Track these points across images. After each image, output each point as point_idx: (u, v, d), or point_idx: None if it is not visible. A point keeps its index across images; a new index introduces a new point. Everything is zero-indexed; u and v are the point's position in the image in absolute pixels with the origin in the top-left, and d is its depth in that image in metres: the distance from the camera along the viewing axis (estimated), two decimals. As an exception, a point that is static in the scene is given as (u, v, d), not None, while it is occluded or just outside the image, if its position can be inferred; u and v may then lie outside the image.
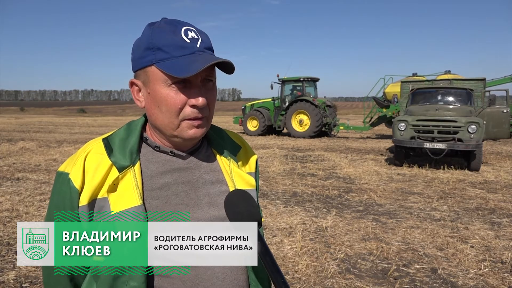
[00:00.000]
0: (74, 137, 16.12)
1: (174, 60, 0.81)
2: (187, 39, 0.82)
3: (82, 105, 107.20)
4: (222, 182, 0.93)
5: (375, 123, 16.11)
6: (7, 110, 60.25)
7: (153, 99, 0.84)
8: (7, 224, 4.54)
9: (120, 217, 0.80)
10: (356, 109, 64.28)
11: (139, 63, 0.85)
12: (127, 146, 0.87)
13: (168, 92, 0.82)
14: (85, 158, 0.84)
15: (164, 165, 0.89)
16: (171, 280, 0.83)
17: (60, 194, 0.84)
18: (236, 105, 78.48)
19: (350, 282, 3.23)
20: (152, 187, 0.86)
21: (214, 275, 0.85)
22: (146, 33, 0.85)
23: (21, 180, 7.00)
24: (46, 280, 0.91)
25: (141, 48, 0.84)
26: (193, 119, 0.84)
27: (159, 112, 0.84)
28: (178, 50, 0.81)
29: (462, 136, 8.01)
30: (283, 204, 5.61)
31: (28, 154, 10.49)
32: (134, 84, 0.89)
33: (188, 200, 0.88)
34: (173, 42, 0.81)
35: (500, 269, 3.48)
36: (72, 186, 0.82)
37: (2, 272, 3.33)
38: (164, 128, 0.86)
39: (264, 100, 18.22)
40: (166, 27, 0.83)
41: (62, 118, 37.31)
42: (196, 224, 0.85)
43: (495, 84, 14.89)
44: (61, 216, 0.82)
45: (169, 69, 0.80)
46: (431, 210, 5.39)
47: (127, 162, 0.84)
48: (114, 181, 0.82)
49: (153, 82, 0.83)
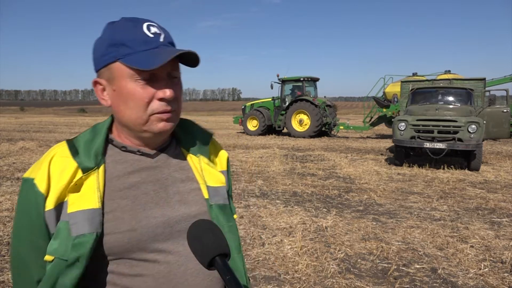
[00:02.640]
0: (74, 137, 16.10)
1: (138, 54, 0.80)
2: (150, 34, 0.82)
3: (82, 105, 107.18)
4: (192, 179, 0.93)
5: (375, 123, 16.11)
6: (7, 110, 60.24)
7: (119, 95, 0.83)
8: (7, 224, 4.54)
9: (74, 217, 0.79)
10: (356, 109, 64.28)
11: (102, 61, 0.84)
12: (92, 147, 0.85)
13: (134, 87, 0.81)
14: (50, 162, 0.83)
15: (132, 165, 0.88)
16: (143, 278, 0.83)
17: (26, 200, 0.82)
18: (236, 105, 78.50)
19: (350, 282, 3.23)
20: (120, 187, 0.85)
21: (187, 271, 0.85)
22: (107, 31, 0.84)
23: (21, 180, 6.99)
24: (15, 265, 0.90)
25: (104, 46, 0.83)
26: (161, 112, 0.83)
27: (126, 108, 0.83)
28: (142, 44, 0.81)
29: (462, 136, 8.01)
30: (283, 204, 5.61)
31: (28, 153, 10.49)
32: (98, 83, 0.88)
33: (158, 198, 0.87)
34: (136, 37, 0.81)
35: (500, 269, 3.48)
36: (37, 190, 0.80)
37: (2, 272, 3.33)
38: (133, 124, 0.85)
39: (264, 100, 18.23)
40: (127, 23, 0.83)
41: (62, 118, 37.30)
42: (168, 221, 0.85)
43: (495, 84, 14.89)
44: (26, 225, 0.82)
45: (134, 63, 0.79)
46: (431, 210, 5.39)
47: (91, 164, 0.83)
48: (77, 181, 0.81)
49: (118, 78, 0.82)
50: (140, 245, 0.83)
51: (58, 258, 0.78)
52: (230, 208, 0.98)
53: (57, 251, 0.78)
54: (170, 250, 0.85)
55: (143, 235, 0.83)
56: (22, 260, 0.85)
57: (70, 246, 0.77)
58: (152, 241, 0.84)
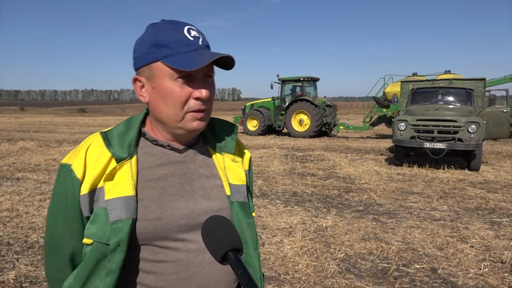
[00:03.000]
0: (74, 137, 16.12)
1: (179, 55, 0.85)
2: (190, 37, 0.87)
3: (82, 105, 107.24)
4: (215, 176, 0.98)
5: (375, 123, 16.11)
6: (7, 110, 60.23)
7: (158, 93, 0.88)
8: (7, 224, 4.54)
9: (112, 203, 0.85)
10: (356, 109, 64.27)
11: (144, 60, 0.89)
12: (125, 139, 0.91)
13: (173, 86, 0.87)
14: (87, 151, 0.89)
15: (161, 158, 0.94)
16: (164, 264, 0.88)
17: (63, 184, 0.88)
18: (236, 105, 78.44)
19: (350, 282, 3.23)
20: (149, 178, 0.90)
21: (205, 261, 0.90)
22: (150, 31, 0.90)
23: (21, 180, 7.00)
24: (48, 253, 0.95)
25: (145, 46, 0.88)
26: (196, 111, 0.89)
27: (164, 105, 0.88)
28: (183, 46, 0.86)
29: (462, 136, 8.01)
30: (283, 204, 5.61)
31: (28, 154, 10.49)
32: (137, 80, 0.93)
33: (183, 191, 0.92)
34: (178, 39, 0.86)
35: (500, 269, 3.48)
36: (75, 176, 0.86)
37: (2, 272, 3.33)
38: (169, 120, 0.90)
39: (264, 100, 18.22)
40: (169, 26, 0.88)
41: (62, 118, 37.30)
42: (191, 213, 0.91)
43: (495, 84, 14.88)
44: (64, 206, 0.88)
45: (175, 64, 0.84)
46: (431, 210, 5.39)
47: (125, 154, 0.89)
48: (112, 171, 0.87)
49: (159, 77, 0.87)
50: (164, 233, 0.88)
51: (97, 241, 0.84)
52: (249, 206, 1.03)
53: (96, 235, 0.84)
54: (191, 240, 0.90)
55: (168, 224, 0.88)
56: (55, 239, 0.91)
57: (109, 231, 0.83)
58: (175, 230, 0.89)
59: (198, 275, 0.89)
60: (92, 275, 0.85)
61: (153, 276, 0.88)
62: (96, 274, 0.85)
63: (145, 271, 0.88)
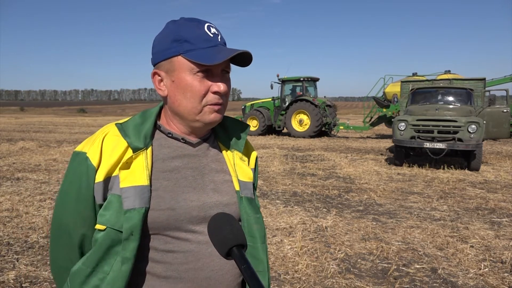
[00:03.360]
0: (74, 137, 16.12)
1: (200, 50, 0.89)
2: (210, 34, 0.91)
3: (82, 105, 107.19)
4: (225, 172, 1.01)
5: (375, 123, 16.11)
6: (7, 110, 60.23)
7: (178, 86, 0.91)
8: (7, 224, 4.54)
9: (127, 191, 0.87)
10: (356, 109, 64.27)
11: (164, 54, 0.92)
12: (141, 130, 0.93)
13: (192, 80, 0.90)
14: (103, 139, 0.92)
15: (176, 151, 0.97)
16: (174, 254, 0.90)
17: (77, 171, 0.90)
18: (236, 105, 78.39)
19: (350, 282, 3.23)
20: (164, 169, 0.93)
21: (215, 252, 0.90)
22: (171, 27, 0.93)
23: (21, 180, 7.00)
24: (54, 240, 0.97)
25: (167, 41, 0.91)
26: (214, 104, 0.92)
27: (183, 98, 0.92)
28: (204, 42, 0.90)
29: (462, 136, 8.01)
30: (283, 204, 5.61)
31: (28, 154, 10.49)
32: (157, 74, 0.95)
33: (195, 184, 0.95)
34: (199, 35, 0.90)
35: (500, 269, 3.48)
36: (90, 164, 0.89)
37: (2, 272, 3.33)
38: (188, 113, 0.93)
39: (264, 100, 18.22)
40: (189, 23, 0.92)
41: (62, 118, 37.30)
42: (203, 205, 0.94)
43: (495, 84, 14.89)
44: (75, 192, 0.90)
45: (196, 58, 0.88)
46: (431, 210, 5.39)
47: (141, 144, 0.91)
48: (128, 160, 0.89)
49: (179, 71, 0.91)
50: (177, 224, 0.90)
51: (110, 227, 0.86)
52: (256, 202, 1.05)
53: (109, 221, 0.86)
54: (201, 232, 0.92)
55: (181, 215, 0.90)
56: (63, 226, 0.93)
57: (123, 218, 0.85)
58: (187, 222, 0.91)
59: (207, 266, 0.91)
60: (102, 260, 0.86)
61: (163, 265, 0.89)
62: (106, 259, 0.86)
63: (155, 261, 0.90)
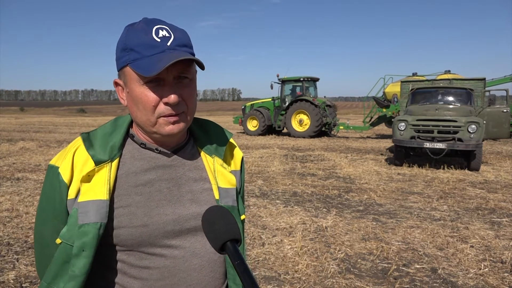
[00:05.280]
0: (74, 137, 16.12)
1: (144, 59, 0.82)
2: (157, 38, 0.82)
3: (82, 105, 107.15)
4: (205, 179, 0.96)
5: (375, 123, 16.10)
6: (7, 110, 60.22)
7: (131, 97, 0.86)
8: (7, 224, 4.54)
9: (85, 206, 0.83)
10: (356, 109, 64.25)
11: (118, 64, 0.88)
12: (109, 141, 0.89)
13: (142, 91, 0.84)
14: (74, 153, 0.87)
15: (149, 162, 0.91)
16: (150, 271, 0.87)
17: (52, 186, 0.88)
18: (236, 105, 78.39)
19: (350, 282, 3.23)
20: (136, 183, 0.89)
21: (191, 267, 0.89)
22: (123, 34, 0.87)
23: (21, 180, 7.00)
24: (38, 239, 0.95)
25: (118, 50, 0.87)
26: (168, 115, 0.85)
27: (137, 110, 0.86)
28: (148, 49, 0.82)
29: (462, 136, 8.01)
30: (283, 204, 5.61)
31: (28, 154, 10.49)
32: (118, 84, 0.91)
33: (170, 196, 0.90)
34: (143, 42, 0.82)
35: (500, 269, 3.48)
36: (62, 180, 0.86)
37: (2, 272, 3.33)
38: (143, 125, 0.88)
39: (264, 100, 18.22)
40: (140, 27, 0.84)
41: (62, 118, 37.30)
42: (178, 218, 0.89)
43: (495, 84, 14.88)
44: (51, 211, 0.88)
45: (138, 69, 0.81)
46: (431, 210, 5.39)
47: (105, 157, 0.87)
48: (90, 173, 0.85)
49: (130, 82, 0.85)
50: (151, 240, 0.87)
51: (64, 242, 0.83)
52: (238, 209, 1.01)
53: (64, 235, 0.83)
54: (178, 246, 0.89)
55: (154, 231, 0.87)
56: (43, 239, 0.92)
57: (76, 233, 0.82)
58: (162, 237, 0.87)
59: (184, 281, 0.89)
60: (58, 276, 0.84)
61: (139, 281, 0.87)
62: (62, 275, 0.83)
63: (132, 276, 0.87)
